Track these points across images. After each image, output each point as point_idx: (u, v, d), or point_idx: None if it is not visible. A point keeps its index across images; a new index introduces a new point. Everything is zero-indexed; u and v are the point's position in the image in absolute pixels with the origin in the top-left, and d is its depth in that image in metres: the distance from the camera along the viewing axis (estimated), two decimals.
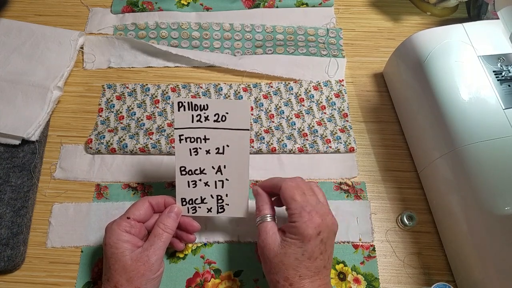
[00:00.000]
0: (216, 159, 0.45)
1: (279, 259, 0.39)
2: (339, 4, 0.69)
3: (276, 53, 0.63)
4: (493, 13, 0.62)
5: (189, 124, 0.44)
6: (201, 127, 0.44)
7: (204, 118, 0.44)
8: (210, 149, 0.45)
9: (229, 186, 0.46)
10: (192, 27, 0.65)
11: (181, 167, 0.45)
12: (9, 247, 0.48)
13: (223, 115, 0.44)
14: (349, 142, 0.56)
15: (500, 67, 0.50)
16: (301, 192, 0.41)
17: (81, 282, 0.48)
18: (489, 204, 0.43)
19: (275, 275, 0.39)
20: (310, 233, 0.38)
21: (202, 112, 0.44)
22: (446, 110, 0.49)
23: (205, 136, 0.44)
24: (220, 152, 0.45)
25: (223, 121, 0.44)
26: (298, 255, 0.38)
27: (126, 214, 0.43)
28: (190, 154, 0.45)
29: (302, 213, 0.39)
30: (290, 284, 0.38)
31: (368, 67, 0.64)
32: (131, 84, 0.61)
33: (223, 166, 0.45)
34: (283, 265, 0.39)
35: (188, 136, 0.44)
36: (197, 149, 0.45)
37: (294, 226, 0.39)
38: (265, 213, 0.43)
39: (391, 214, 0.53)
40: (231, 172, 0.46)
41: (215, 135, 0.44)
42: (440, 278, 0.50)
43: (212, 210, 0.46)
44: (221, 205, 0.46)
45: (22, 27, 0.62)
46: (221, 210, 0.47)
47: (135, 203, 0.44)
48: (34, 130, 0.54)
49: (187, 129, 0.44)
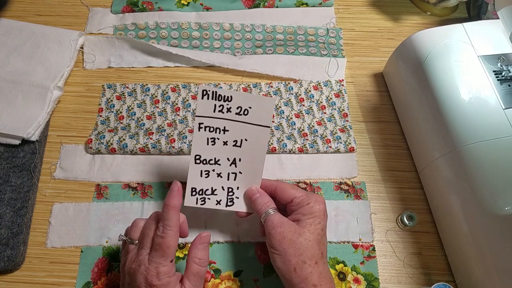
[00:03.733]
0: (233, 151, 0.45)
1: (304, 236, 0.41)
2: (339, 4, 0.69)
3: (276, 53, 0.63)
4: (493, 13, 0.62)
5: (210, 113, 0.44)
6: (222, 117, 0.44)
7: (227, 110, 0.43)
8: (228, 140, 0.45)
9: (241, 179, 0.46)
10: (192, 27, 0.65)
11: (196, 156, 0.45)
12: (9, 247, 0.48)
13: (246, 109, 0.43)
14: (349, 142, 0.56)
15: (500, 67, 0.50)
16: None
17: (81, 282, 0.48)
18: (489, 204, 0.43)
19: (300, 256, 0.40)
20: (323, 208, 0.43)
21: (225, 103, 0.43)
22: (446, 110, 0.49)
23: (224, 128, 0.44)
24: (237, 145, 0.45)
25: (245, 115, 0.44)
26: (320, 230, 0.42)
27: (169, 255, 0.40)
28: (207, 144, 0.44)
29: (309, 195, 0.43)
30: (315, 262, 0.40)
31: (368, 67, 0.64)
32: (131, 84, 0.61)
33: (239, 159, 0.45)
34: (308, 241, 0.41)
35: (208, 125, 0.44)
36: (215, 139, 0.44)
37: (307, 208, 0.42)
38: (272, 207, 0.44)
39: (391, 214, 0.53)
40: (245, 166, 0.45)
41: (235, 128, 0.44)
42: (440, 278, 0.50)
43: (221, 202, 0.46)
44: (231, 198, 0.46)
45: (22, 27, 0.62)
46: (231, 204, 0.46)
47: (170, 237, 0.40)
48: (34, 130, 0.54)
49: (208, 118, 0.44)
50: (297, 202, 0.43)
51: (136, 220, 0.43)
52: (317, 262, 0.40)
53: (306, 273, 0.40)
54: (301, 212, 0.42)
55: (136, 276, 0.39)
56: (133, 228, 0.42)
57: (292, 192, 0.44)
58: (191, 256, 0.42)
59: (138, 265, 0.39)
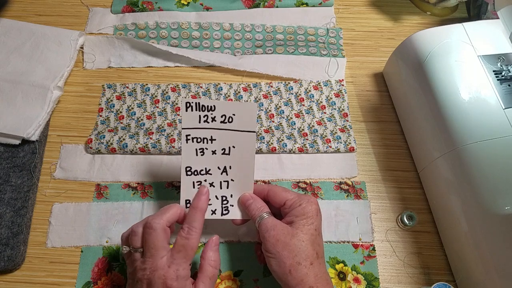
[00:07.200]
0: (222, 160, 0.45)
1: (297, 238, 0.41)
2: (339, 4, 0.69)
3: (276, 53, 0.63)
4: (493, 13, 0.62)
5: (196, 125, 0.44)
6: (208, 127, 0.44)
7: (211, 119, 0.44)
8: (216, 149, 0.45)
9: (234, 186, 0.46)
10: (192, 27, 0.65)
11: (187, 167, 0.45)
12: (9, 247, 0.48)
13: (230, 116, 0.44)
14: (349, 142, 0.56)
15: (500, 67, 0.50)
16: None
17: (81, 282, 0.48)
18: (489, 204, 0.43)
19: (294, 258, 0.40)
20: (316, 209, 0.43)
21: (209, 113, 0.44)
22: (446, 110, 0.49)
23: (211, 137, 0.45)
24: (226, 152, 0.45)
25: (229, 122, 0.44)
26: (312, 231, 0.41)
27: (191, 257, 0.41)
28: (196, 154, 0.45)
29: (301, 196, 0.43)
30: (311, 263, 0.40)
31: (368, 67, 0.64)
32: (131, 84, 0.61)
33: (229, 166, 0.45)
34: (302, 242, 0.40)
35: (195, 136, 0.44)
36: (204, 149, 0.45)
37: (300, 209, 0.42)
38: (265, 211, 0.44)
39: (391, 214, 0.53)
40: (236, 173, 0.46)
41: (222, 136, 0.45)
42: (440, 278, 0.50)
43: (217, 212, 0.46)
44: (226, 206, 0.46)
45: (22, 27, 0.62)
46: (226, 212, 0.46)
47: (194, 239, 0.41)
48: (34, 130, 0.54)
49: (194, 129, 0.44)
50: (290, 205, 0.43)
51: (133, 228, 0.42)
52: (312, 263, 0.40)
53: (301, 274, 0.39)
54: (294, 214, 0.42)
55: (153, 281, 0.39)
56: (134, 237, 0.42)
57: (284, 194, 0.44)
58: (206, 259, 0.42)
59: (153, 270, 0.39)
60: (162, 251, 0.40)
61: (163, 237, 0.41)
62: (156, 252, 0.40)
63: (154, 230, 0.40)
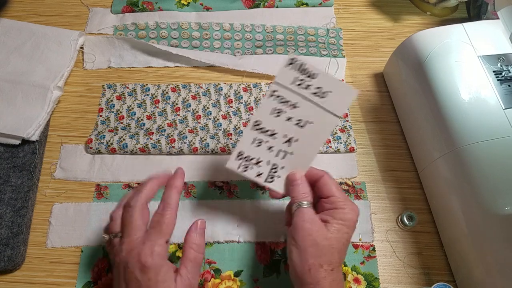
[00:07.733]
0: (293, 130, 0.43)
1: (329, 242, 0.39)
2: (339, 4, 0.69)
3: (276, 53, 0.63)
4: (493, 13, 0.62)
5: (287, 84, 0.42)
6: (297, 92, 0.42)
7: (306, 86, 0.42)
8: (293, 118, 0.42)
9: (290, 160, 0.44)
10: (192, 27, 0.65)
11: (256, 121, 0.43)
12: (9, 247, 0.48)
13: (325, 91, 0.42)
14: (349, 142, 0.56)
15: (500, 67, 0.50)
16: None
17: (81, 282, 0.48)
18: (489, 204, 0.43)
19: (318, 258, 0.39)
20: (356, 220, 0.41)
21: (308, 79, 0.41)
22: (446, 110, 0.49)
23: (296, 103, 0.42)
24: (301, 125, 0.43)
25: (321, 98, 0.42)
26: (344, 240, 0.40)
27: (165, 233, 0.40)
28: (271, 113, 0.42)
29: (347, 201, 0.41)
30: (332, 269, 0.39)
31: (368, 67, 0.64)
32: (131, 84, 0.61)
33: (296, 139, 0.43)
34: (331, 248, 0.39)
35: (280, 95, 0.42)
36: (281, 111, 0.42)
37: (341, 212, 0.40)
38: (308, 200, 0.42)
39: (391, 214, 0.53)
40: (299, 149, 0.43)
41: (306, 107, 0.42)
42: (440, 278, 0.50)
43: (262, 176, 0.44)
44: (272, 175, 0.44)
45: (22, 27, 0.62)
46: (270, 180, 0.44)
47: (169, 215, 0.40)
48: (34, 130, 0.54)
49: (283, 88, 0.42)
50: (333, 201, 0.41)
51: (112, 214, 0.42)
52: (333, 269, 0.39)
53: (319, 276, 0.38)
54: (333, 214, 0.41)
55: (128, 262, 0.38)
56: (113, 222, 0.41)
57: (333, 189, 0.42)
58: (187, 242, 0.41)
59: (129, 251, 0.38)
60: (137, 231, 0.39)
61: (140, 215, 0.40)
62: (132, 230, 0.39)
63: (132, 207, 0.40)
